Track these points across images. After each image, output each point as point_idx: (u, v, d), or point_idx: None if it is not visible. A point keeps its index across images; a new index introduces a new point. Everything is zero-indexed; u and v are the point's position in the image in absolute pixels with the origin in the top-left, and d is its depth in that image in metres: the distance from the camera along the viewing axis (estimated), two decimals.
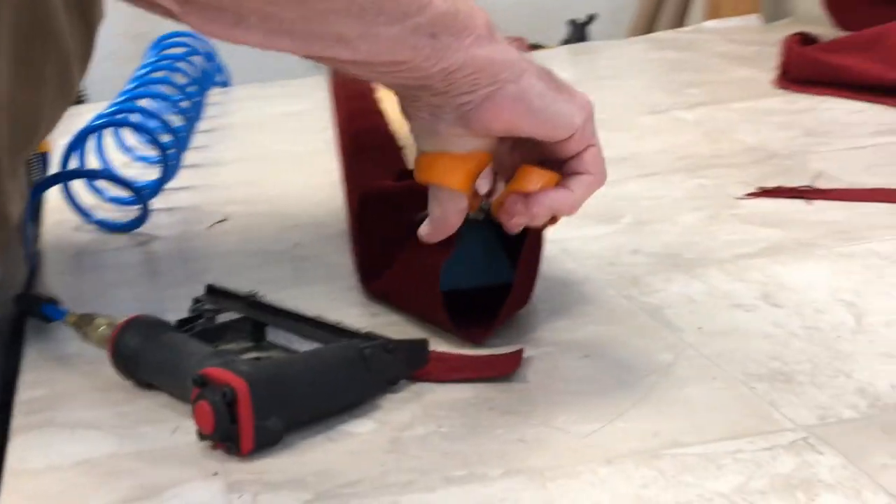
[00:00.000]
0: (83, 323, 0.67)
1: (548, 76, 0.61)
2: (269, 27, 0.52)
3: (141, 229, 0.96)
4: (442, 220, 0.63)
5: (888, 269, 0.74)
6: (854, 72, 1.24)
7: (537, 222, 0.64)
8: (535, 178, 0.62)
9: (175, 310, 0.69)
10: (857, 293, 0.70)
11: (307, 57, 0.57)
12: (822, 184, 0.93)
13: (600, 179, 0.63)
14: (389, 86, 0.60)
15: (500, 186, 0.67)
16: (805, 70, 1.29)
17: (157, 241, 0.94)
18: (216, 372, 0.54)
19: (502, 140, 0.62)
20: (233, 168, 1.19)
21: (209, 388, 0.54)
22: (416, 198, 0.71)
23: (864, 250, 0.77)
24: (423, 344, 0.62)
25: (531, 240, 0.67)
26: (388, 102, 0.99)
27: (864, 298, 0.69)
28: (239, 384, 0.54)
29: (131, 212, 0.98)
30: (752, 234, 0.83)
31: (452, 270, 0.69)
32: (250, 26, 0.52)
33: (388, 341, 0.61)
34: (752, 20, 1.84)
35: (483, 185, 0.64)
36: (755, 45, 1.65)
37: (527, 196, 0.61)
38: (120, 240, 0.95)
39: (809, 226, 0.84)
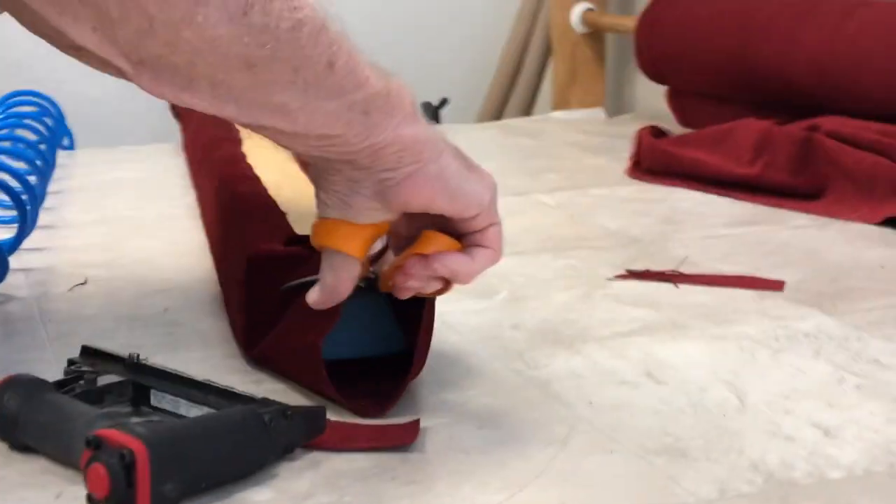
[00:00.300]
0: None
1: (460, 155, 0.62)
2: (217, 93, 0.53)
3: None
4: (334, 286, 0.63)
5: (760, 350, 0.76)
6: (704, 165, 1.29)
7: (431, 287, 0.64)
8: (438, 243, 0.63)
9: (42, 372, 0.65)
10: (735, 373, 0.72)
11: (247, 125, 0.57)
12: (686, 269, 0.96)
13: (497, 256, 0.65)
14: (314, 158, 0.60)
15: (390, 256, 0.67)
16: (657, 161, 1.34)
17: (12, 301, 0.90)
18: (112, 433, 0.52)
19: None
20: (87, 231, 1.15)
21: (104, 449, 0.51)
22: (305, 263, 0.70)
23: (735, 332, 0.80)
24: (320, 411, 0.61)
25: (427, 308, 0.66)
26: (262, 169, 0.97)
27: (743, 378, 0.71)
28: (137, 446, 0.51)
29: None
30: (626, 314, 0.84)
31: (338, 340, 0.68)
32: (200, 90, 0.53)
33: (287, 407, 0.59)
34: (597, 112, 1.90)
35: (375, 251, 0.65)
36: (602, 136, 1.71)
37: (427, 257, 0.62)
38: None
39: (679, 308, 0.86)
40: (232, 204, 0.89)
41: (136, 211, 1.25)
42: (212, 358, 0.75)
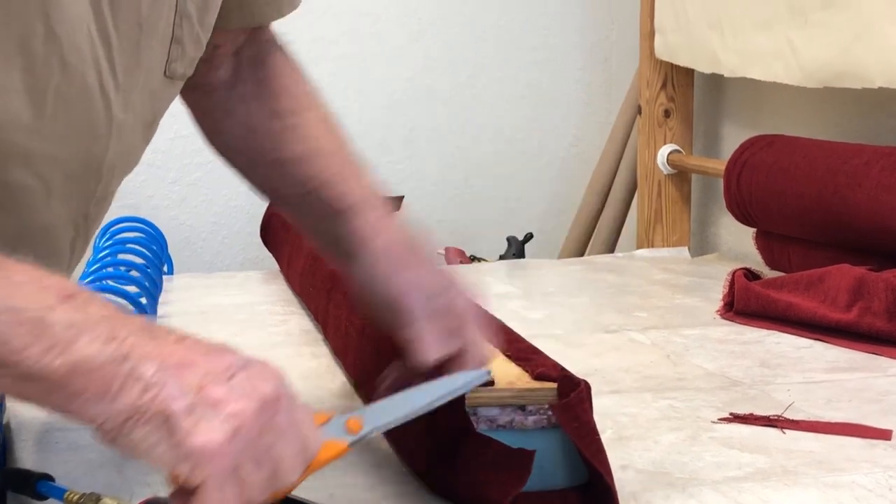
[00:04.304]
0: (88, 502, 0.64)
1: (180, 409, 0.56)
2: None
3: None
4: None
5: (875, 501, 0.76)
6: (798, 309, 1.29)
7: None
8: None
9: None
10: None
11: None
12: (789, 414, 0.96)
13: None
14: None
15: None
16: (751, 304, 1.35)
17: None
18: None
19: None
20: None
21: None
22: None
23: (848, 481, 0.79)
24: None
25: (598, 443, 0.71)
26: None
27: None
28: None
29: None
30: (736, 458, 0.85)
31: None
32: None
33: None
34: (682, 252, 1.92)
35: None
36: (689, 275, 1.72)
37: None
38: None
39: (789, 454, 0.86)
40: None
41: (239, 337, 1.27)
42: (343, 486, 0.76)
